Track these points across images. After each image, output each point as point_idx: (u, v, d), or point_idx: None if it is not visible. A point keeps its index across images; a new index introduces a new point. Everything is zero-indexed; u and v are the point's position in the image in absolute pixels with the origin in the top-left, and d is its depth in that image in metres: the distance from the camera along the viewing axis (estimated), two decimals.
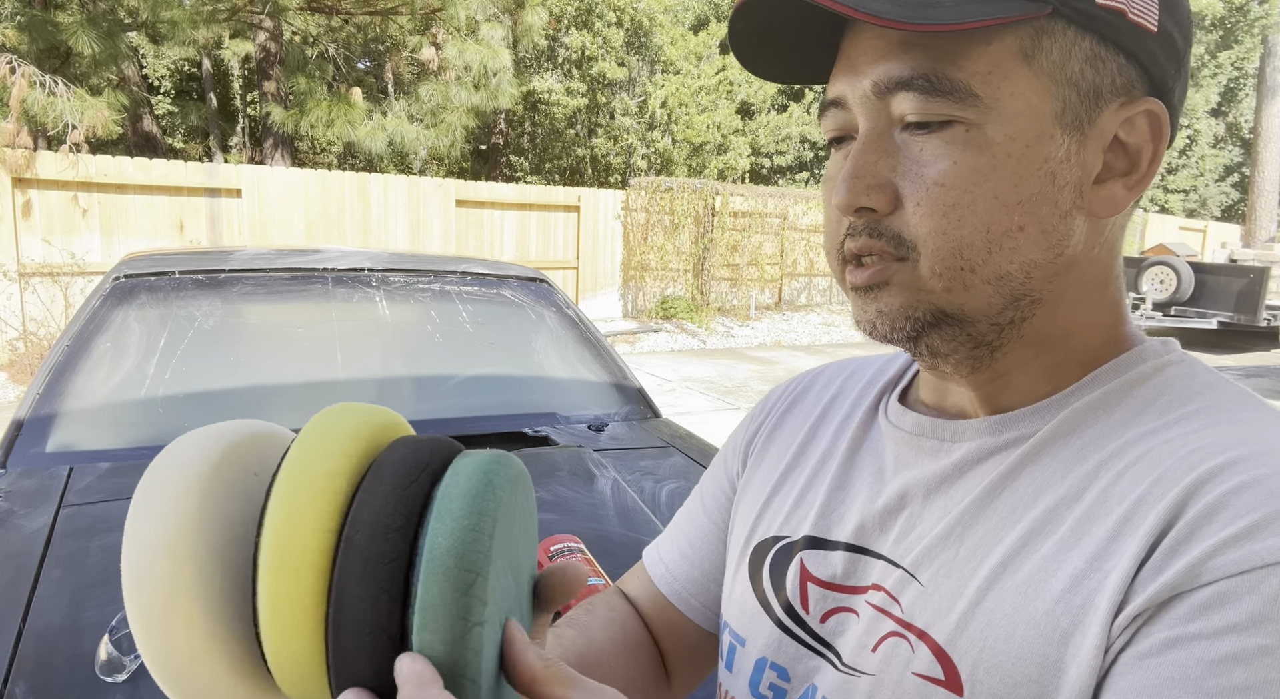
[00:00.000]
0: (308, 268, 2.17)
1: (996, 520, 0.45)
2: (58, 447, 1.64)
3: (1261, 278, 10.22)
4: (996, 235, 0.43)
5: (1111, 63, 0.43)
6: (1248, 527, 0.35)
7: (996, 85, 0.42)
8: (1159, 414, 0.43)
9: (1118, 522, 0.40)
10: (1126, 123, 0.44)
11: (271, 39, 9.84)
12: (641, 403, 2.20)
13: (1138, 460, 0.41)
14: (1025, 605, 0.41)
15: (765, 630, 0.55)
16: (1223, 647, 0.34)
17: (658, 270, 10.85)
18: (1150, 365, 0.46)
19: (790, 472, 0.60)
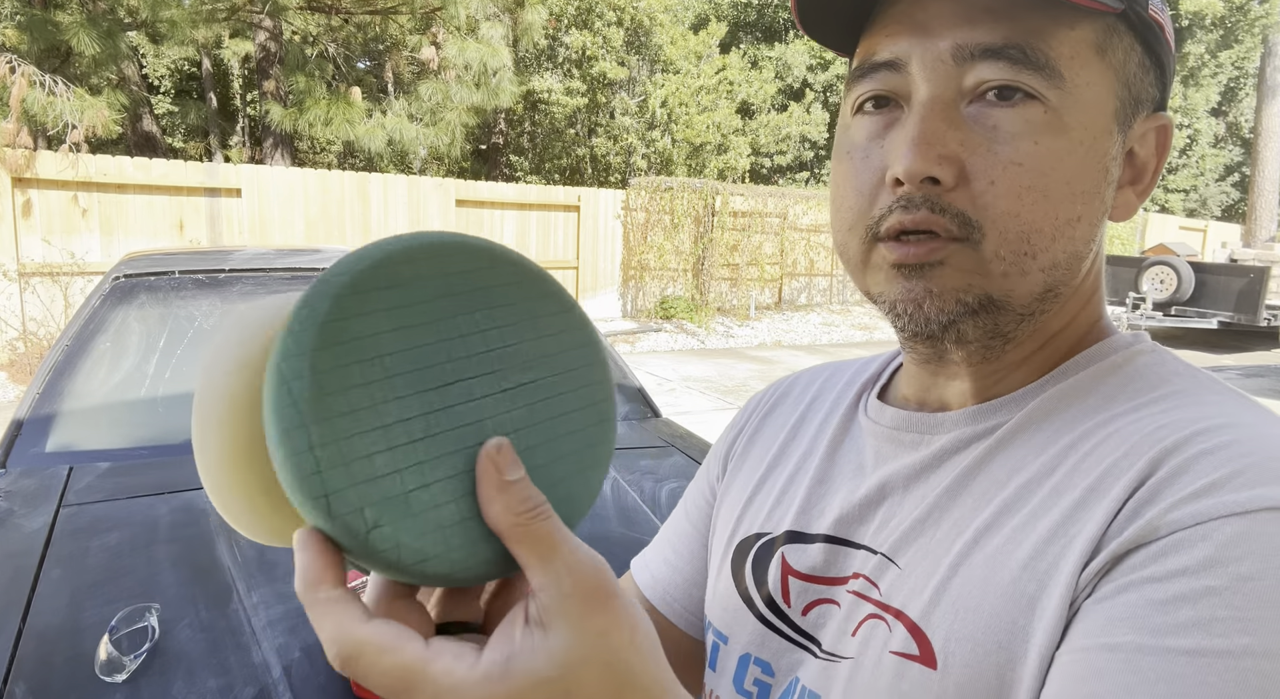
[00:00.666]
0: (308, 267, 2.17)
1: (970, 502, 0.45)
2: (57, 447, 1.64)
3: (1262, 277, 10.22)
4: (1062, 223, 0.43)
5: (1151, 73, 0.45)
6: (1207, 485, 0.36)
7: (1077, 71, 0.42)
8: (1128, 398, 0.44)
9: (1083, 492, 0.40)
10: (1144, 135, 0.45)
11: (271, 38, 9.84)
12: (641, 402, 2.20)
13: (1106, 438, 0.42)
14: (993, 575, 0.41)
15: (748, 627, 0.55)
16: (1172, 588, 0.34)
17: (657, 270, 10.85)
18: (1122, 355, 0.47)
19: (771, 471, 0.60)
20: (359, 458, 0.30)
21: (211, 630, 1.02)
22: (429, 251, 0.33)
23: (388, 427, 0.30)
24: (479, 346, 0.33)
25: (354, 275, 0.31)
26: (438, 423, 0.32)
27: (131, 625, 1.00)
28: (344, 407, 0.30)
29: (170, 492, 1.44)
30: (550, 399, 0.35)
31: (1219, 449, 0.38)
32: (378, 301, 0.31)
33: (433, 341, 0.32)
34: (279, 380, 0.29)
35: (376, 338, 0.31)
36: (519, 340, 0.35)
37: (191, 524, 1.31)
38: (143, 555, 1.20)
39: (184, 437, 1.72)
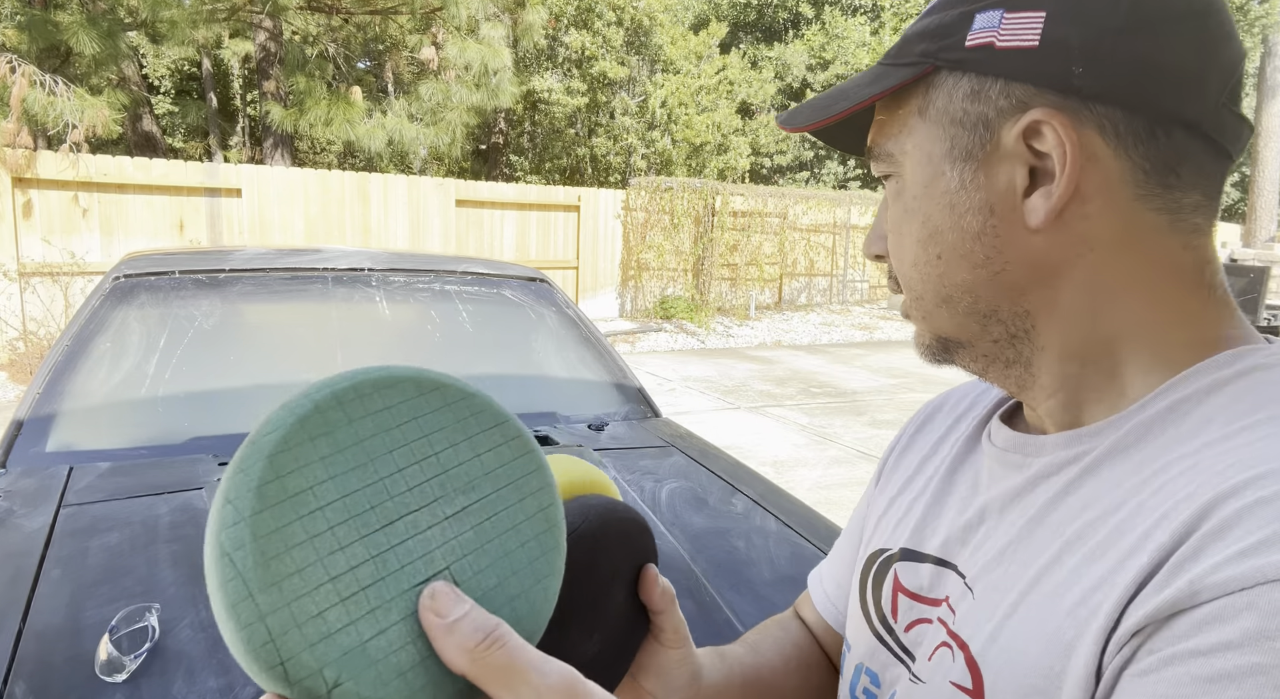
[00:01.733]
0: (308, 267, 2.17)
1: (1046, 534, 0.44)
2: (58, 446, 1.64)
3: (1261, 277, 10.22)
4: (921, 266, 0.50)
5: (993, 90, 0.45)
6: (1256, 543, 0.34)
7: (903, 143, 0.49)
8: (1225, 423, 0.41)
9: (1140, 536, 0.39)
10: (1031, 134, 0.44)
11: (271, 38, 9.84)
12: (641, 402, 2.20)
13: (1181, 473, 0.40)
14: (1044, 617, 0.41)
15: (864, 637, 0.58)
16: (1217, 664, 0.33)
17: (657, 270, 10.85)
18: (1234, 370, 0.43)
19: (907, 487, 0.62)
20: (311, 618, 0.29)
21: (211, 630, 1.02)
22: (356, 393, 0.33)
23: (336, 578, 0.30)
24: (418, 477, 0.33)
25: (284, 431, 0.31)
26: (386, 564, 0.31)
27: (131, 625, 1.00)
28: (289, 567, 0.29)
29: (170, 492, 1.44)
30: (496, 515, 0.35)
31: (1275, 499, 0.35)
32: (311, 453, 0.31)
33: (372, 483, 0.32)
34: (219, 553, 0.29)
35: (314, 490, 0.31)
36: (457, 463, 0.35)
37: (191, 524, 1.31)
38: (143, 555, 1.20)
39: (184, 437, 1.72)
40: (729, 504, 1.55)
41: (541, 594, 0.36)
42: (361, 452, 0.33)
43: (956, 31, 0.46)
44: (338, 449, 0.32)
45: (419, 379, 0.35)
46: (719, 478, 1.69)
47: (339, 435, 0.32)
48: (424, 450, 0.34)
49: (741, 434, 5.64)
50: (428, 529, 0.33)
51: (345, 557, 0.30)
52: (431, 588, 0.32)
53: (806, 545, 1.39)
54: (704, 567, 1.27)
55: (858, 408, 6.55)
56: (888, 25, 18.26)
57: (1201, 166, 0.44)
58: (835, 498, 4.30)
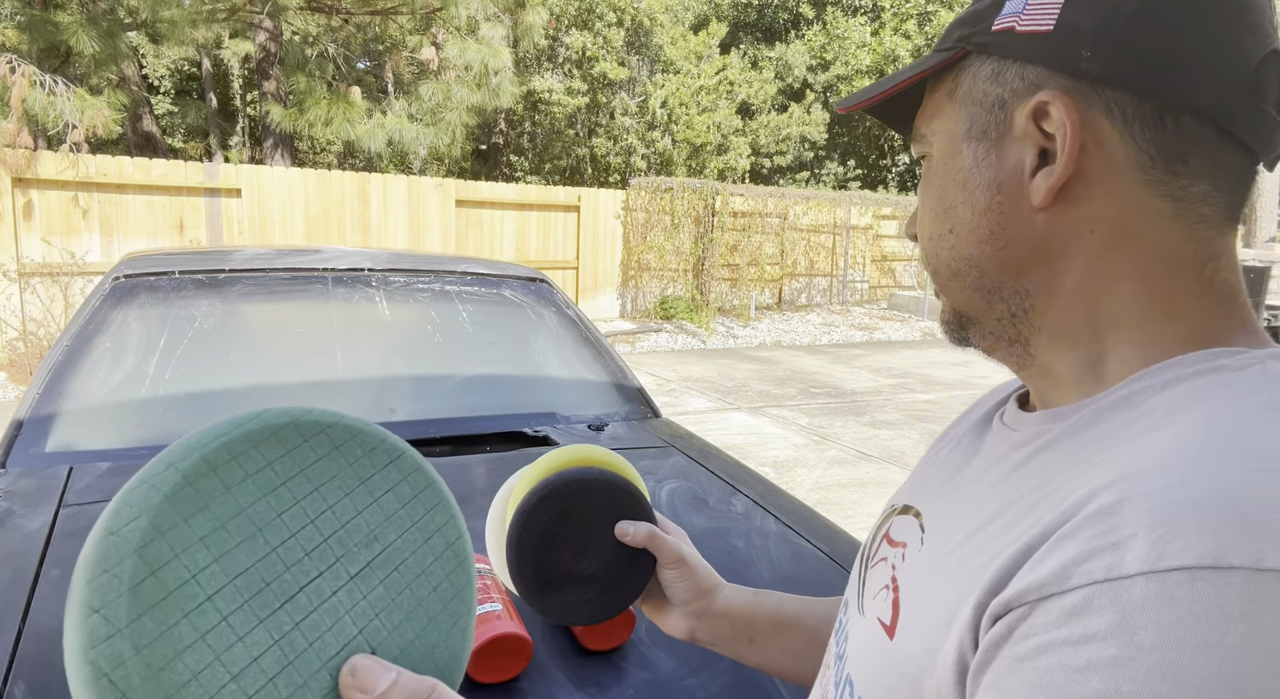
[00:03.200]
0: (308, 268, 2.17)
1: (989, 499, 0.48)
2: (57, 446, 1.64)
3: (1262, 278, 10.22)
4: (935, 238, 0.53)
5: (1010, 72, 0.48)
6: (1124, 535, 0.35)
7: (933, 124, 0.53)
8: (1163, 417, 0.41)
9: (1043, 512, 0.41)
10: (1039, 115, 0.46)
11: (271, 39, 9.84)
12: (641, 403, 2.20)
13: (1105, 460, 0.41)
14: (956, 573, 0.44)
15: (853, 582, 0.62)
16: (1084, 655, 0.34)
17: (658, 270, 10.85)
18: (1196, 368, 0.43)
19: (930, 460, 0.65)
20: None
21: None
22: (230, 454, 0.29)
23: (239, 675, 0.26)
24: (315, 538, 0.30)
25: (151, 515, 0.26)
26: (294, 646, 0.27)
27: None
28: (183, 675, 0.24)
29: None
30: (405, 563, 0.32)
31: (1157, 492, 0.36)
32: (188, 536, 0.26)
33: (264, 556, 0.28)
34: (94, 675, 0.23)
35: (198, 579, 0.26)
36: (355, 513, 0.31)
37: None
38: None
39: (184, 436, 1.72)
40: (729, 504, 1.55)
41: (460, 636, 0.34)
42: (246, 522, 0.28)
43: (987, 17, 0.49)
44: (218, 524, 0.27)
45: (299, 424, 0.32)
46: (719, 478, 1.69)
47: (217, 508, 0.27)
48: (317, 506, 0.30)
49: (741, 434, 5.64)
50: (333, 595, 0.29)
51: (245, 647, 0.26)
52: (351, 664, 0.29)
53: (806, 546, 1.39)
54: None
55: (858, 408, 6.55)
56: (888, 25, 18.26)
57: (1213, 156, 0.44)
58: (835, 498, 4.30)
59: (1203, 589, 0.33)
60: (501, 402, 2.07)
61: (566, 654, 1.01)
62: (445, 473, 1.55)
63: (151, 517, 0.25)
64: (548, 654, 1.01)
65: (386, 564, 0.31)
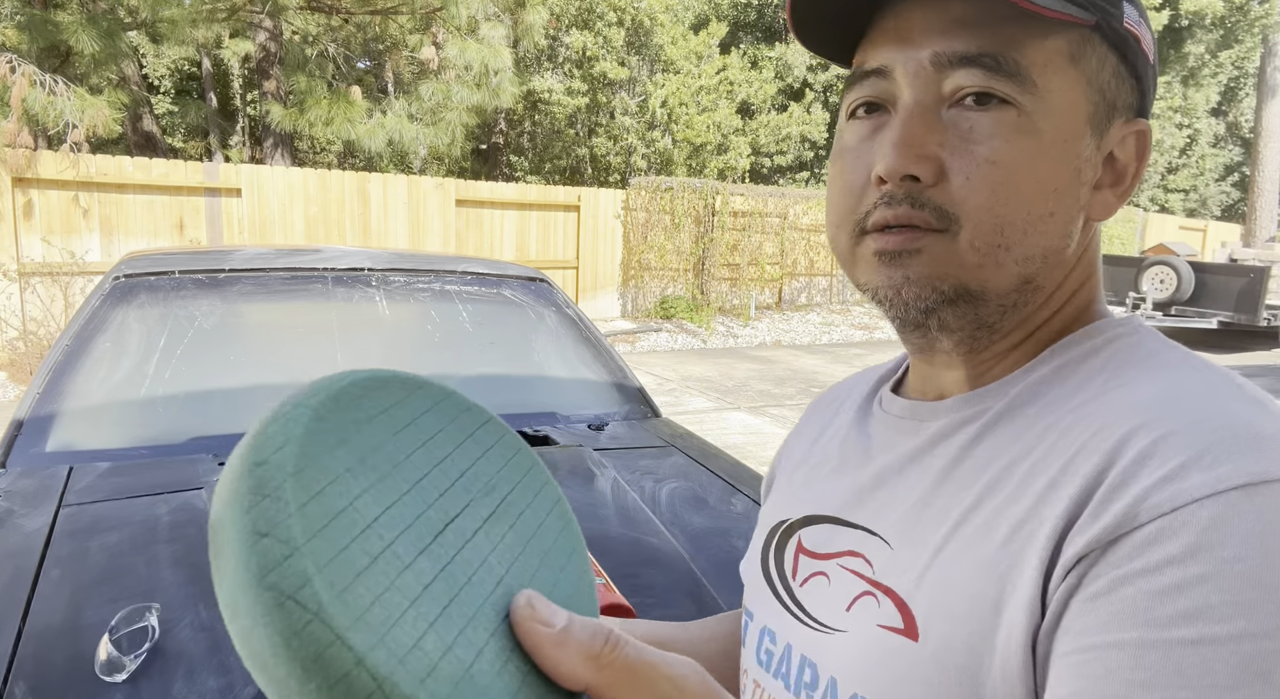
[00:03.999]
0: (308, 267, 2.17)
1: (956, 486, 0.47)
2: (58, 446, 1.64)
3: (1261, 277, 10.22)
4: (1034, 218, 0.46)
5: (1127, 82, 0.48)
6: (1177, 466, 0.38)
7: (1049, 78, 0.45)
8: (1105, 380, 0.46)
9: (1057, 471, 0.42)
10: (1124, 139, 0.48)
11: (271, 38, 9.84)
12: (641, 402, 2.20)
13: (1080, 419, 0.44)
14: (971, 553, 0.44)
15: (767, 602, 0.59)
16: (1164, 578, 0.36)
17: (658, 270, 10.85)
18: (1104, 338, 0.49)
19: (800, 465, 0.64)
20: (409, 650, 0.24)
21: (211, 630, 1.02)
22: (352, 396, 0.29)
23: (416, 601, 0.26)
24: (443, 482, 0.30)
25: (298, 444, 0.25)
26: (455, 578, 0.27)
27: (131, 625, 1.00)
28: (367, 597, 0.24)
29: (170, 491, 1.44)
30: (522, 515, 0.32)
31: (1186, 428, 0.39)
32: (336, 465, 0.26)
33: (406, 491, 0.28)
34: (277, 599, 0.23)
35: (355, 506, 0.26)
36: (470, 463, 0.31)
37: (191, 524, 1.31)
38: (143, 555, 1.20)
39: (184, 437, 1.72)
40: (729, 504, 1.55)
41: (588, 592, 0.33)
42: (383, 458, 0.28)
43: (1115, 5, 0.46)
44: (359, 458, 0.27)
45: (403, 379, 0.31)
46: (719, 478, 1.69)
47: (354, 443, 0.27)
48: (437, 454, 0.30)
49: (742, 434, 5.64)
50: (474, 535, 0.29)
51: (414, 575, 0.26)
52: (526, 596, 0.29)
53: None
54: (704, 567, 1.27)
55: None
56: None
57: None
58: None
59: (1265, 501, 0.36)
60: (501, 401, 2.07)
61: None
62: None
63: (299, 445, 0.25)
64: None
65: (509, 513, 0.32)
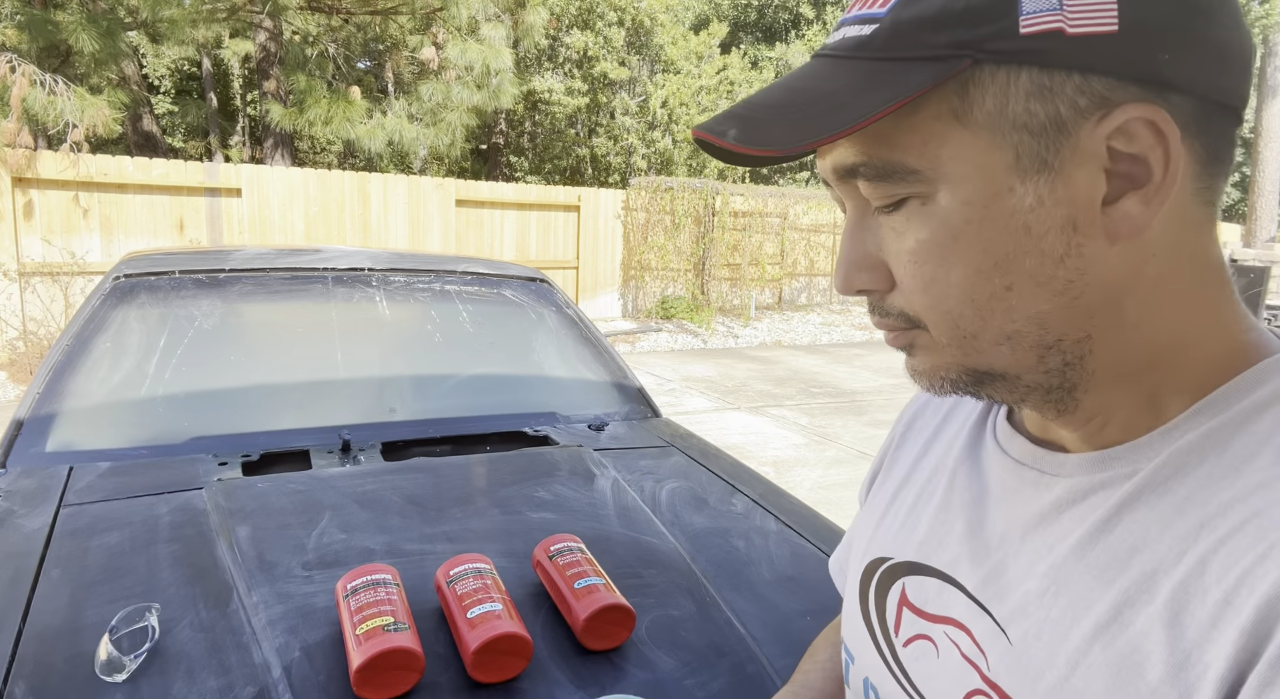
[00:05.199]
0: (308, 267, 2.17)
1: (1090, 578, 0.41)
2: (58, 446, 1.64)
3: (1262, 278, 10.22)
4: (983, 300, 0.41)
5: (1066, 86, 0.38)
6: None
7: (934, 154, 0.40)
8: (1274, 458, 0.37)
9: (1217, 604, 0.36)
10: (1119, 135, 0.39)
11: (271, 38, 9.84)
12: (642, 402, 2.20)
13: (1242, 525, 0.37)
14: (1118, 685, 0.38)
15: (868, 649, 0.55)
16: None
17: (658, 270, 10.85)
18: (1271, 389, 0.39)
19: (903, 489, 0.59)
20: None
21: (211, 630, 1.02)
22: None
23: None
24: None
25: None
26: None
27: (131, 625, 1.00)
28: None
29: (170, 491, 1.44)
30: None
31: None
32: None
33: None
34: None
35: None
36: None
37: (191, 524, 1.31)
38: (143, 555, 1.20)
39: (184, 437, 1.72)
40: (729, 504, 1.55)
41: None
42: None
43: (1001, 16, 0.38)
44: None
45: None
46: (719, 478, 1.69)
47: None
48: None
49: (742, 434, 5.64)
50: None
51: None
52: None
53: (806, 545, 1.39)
54: (704, 567, 1.27)
55: (858, 408, 6.55)
56: None
57: (1233, 150, 0.41)
58: (835, 498, 4.30)
59: None
60: (501, 401, 2.07)
61: (566, 654, 1.01)
62: (445, 473, 1.56)
63: None
64: (548, 654, 1.01)
65: None
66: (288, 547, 1.23)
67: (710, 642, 1.07)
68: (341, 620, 0.99)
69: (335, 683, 0.94)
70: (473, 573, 1.05)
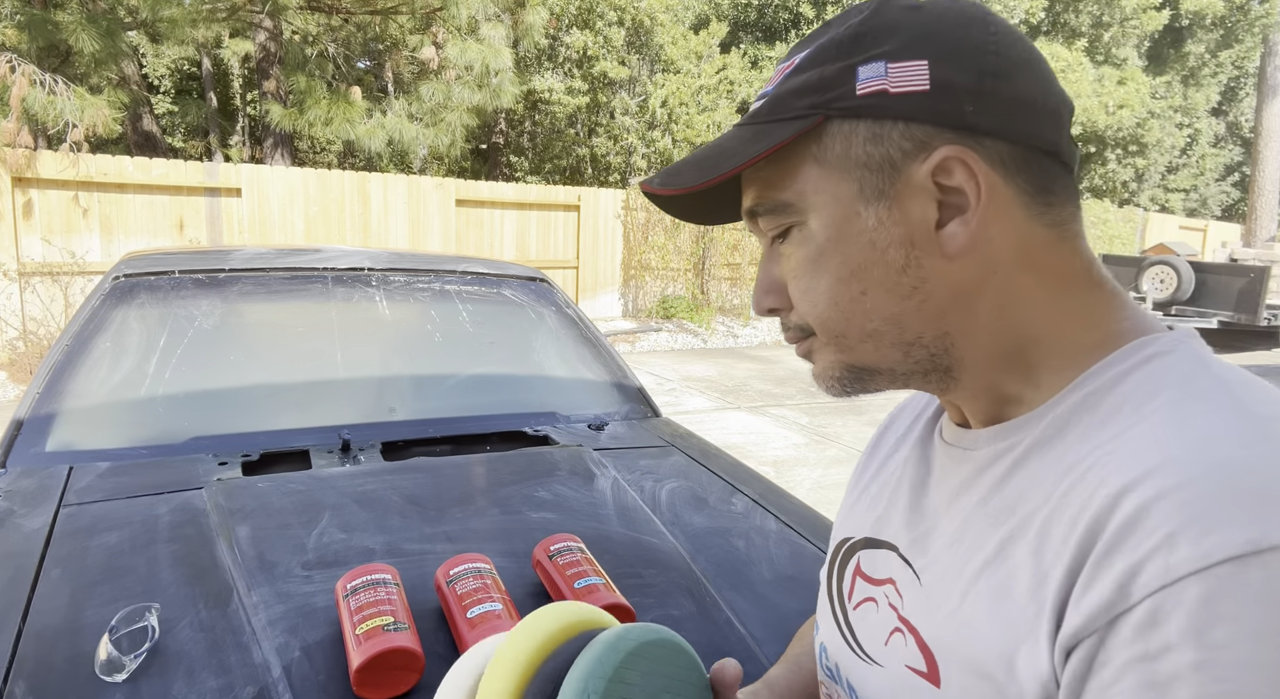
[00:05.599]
0: (308, 267, 2.17)
1: (986, 525, 0.49)
2: (57, 446, 1.64)
3: (1262, 277, 10.22)
4: (843, 304, 0.52)
5: (893, 132, 0.49)
6: (1163, 539, 0.38)
7: (802, 191, 0.52)
8: (1131, 412, 0.46)
9: (1067, 527, 0.43)
10: (940, 171, 0.48)
11: (271, 38, 9.84)
12: (642, 402, 2.20)
13: (1096, 462, 0.44)
14: (995, 607, 0.46)
15: (827, 618, 0.64)
16: (1164, 668, 0.37)
17: (658, 270, 10.84)
18: (1133, 361, 0.48)
19: (874, 480, 0.67)
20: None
21: (211, 630, 1.02)
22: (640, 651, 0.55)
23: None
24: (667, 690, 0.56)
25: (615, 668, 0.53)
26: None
27: (131, 625, 1.00)
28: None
29: (170, 491, 1.44)
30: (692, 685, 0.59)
31: (1184, 485, 0.39)
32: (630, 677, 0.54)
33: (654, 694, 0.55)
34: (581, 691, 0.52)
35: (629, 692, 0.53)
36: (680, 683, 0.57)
37: (191, 524, 1.31)
38: (143, 555, 1.20)
39: (184, 437, 1.72)
40: (729, 504, 1.55)
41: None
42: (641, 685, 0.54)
43: (843, 83, 0.49)
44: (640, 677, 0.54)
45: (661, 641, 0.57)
46: (719, 478, 1.69)
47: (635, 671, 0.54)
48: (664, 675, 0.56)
49: (742, 434, 5.64)
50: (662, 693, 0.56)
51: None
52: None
53: (806, 545, 1.39)
54: (704, 567, 1.27)
55: (857, 408, 6.55)
56: None
57: (1063, 183, 0.51)
58: (835, 498, 4.30)
59: (1254, 575, 0.36)
60: (501, 401, 2.07)
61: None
62: (445, 473, 1.56)
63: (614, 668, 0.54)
64: None
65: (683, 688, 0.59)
66: (288, 546, 1.23)
67: (710, 641, 1.07)
68: (341, 620, 0.99)
69: (335, 683, 0.94)
70: (473, 573, 1.05)
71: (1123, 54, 19.37)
